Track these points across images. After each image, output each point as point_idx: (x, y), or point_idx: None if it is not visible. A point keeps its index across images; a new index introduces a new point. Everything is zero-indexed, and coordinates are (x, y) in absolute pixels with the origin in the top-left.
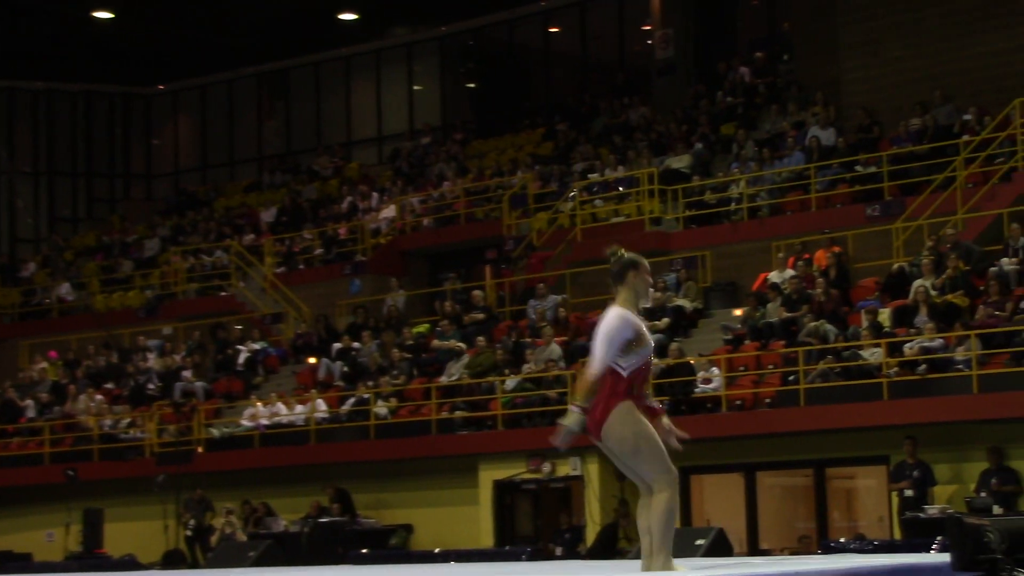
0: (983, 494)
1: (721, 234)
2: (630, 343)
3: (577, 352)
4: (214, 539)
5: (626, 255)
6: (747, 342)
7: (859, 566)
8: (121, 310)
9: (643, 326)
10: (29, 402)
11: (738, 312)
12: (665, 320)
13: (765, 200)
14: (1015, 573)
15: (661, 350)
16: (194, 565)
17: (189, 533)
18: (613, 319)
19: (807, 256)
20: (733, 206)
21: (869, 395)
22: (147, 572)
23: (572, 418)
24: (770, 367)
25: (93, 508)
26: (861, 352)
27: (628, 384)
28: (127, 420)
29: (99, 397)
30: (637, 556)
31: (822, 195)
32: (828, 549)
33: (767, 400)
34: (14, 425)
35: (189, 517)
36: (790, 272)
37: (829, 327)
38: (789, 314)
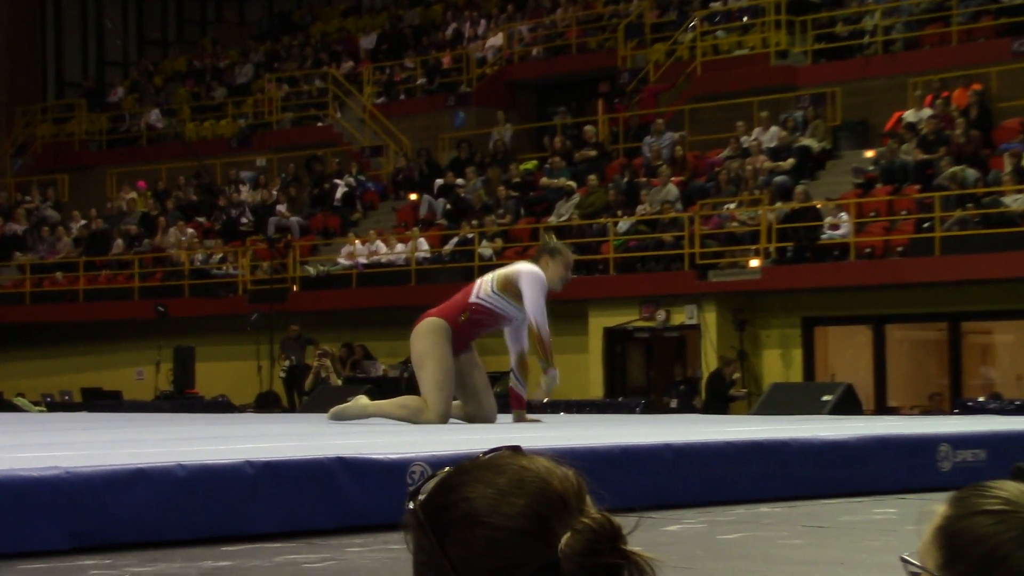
0: None
1: (852, 69)
2: (516, 287)
3: (695, 193)
4: (308, 382)
5: (551, 243)
6: (879, 186)
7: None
8: (213, 139)
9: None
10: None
11: (869, 153)
12: (790, 160)
13: (901, 33)
14: None
15: (786, 193)
16: (290, 409)
17: (282, 375)
18: (540, 275)
19: (946, 94)
20: (866, 39)
21: (1010, 244)
22: (241, 415)
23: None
24: (903, 213)
25: (184, 346)
26: (1003, 198)
27: (467, 310)
28: (219, 255)
29: (190, 231)
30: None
31: (963, 28)
32: (963, 408)
33: (899, 248)
34: (102, 257)
35: (285, 357)
36: (927, 111)
37: (968, 171)
38: (925, 156)
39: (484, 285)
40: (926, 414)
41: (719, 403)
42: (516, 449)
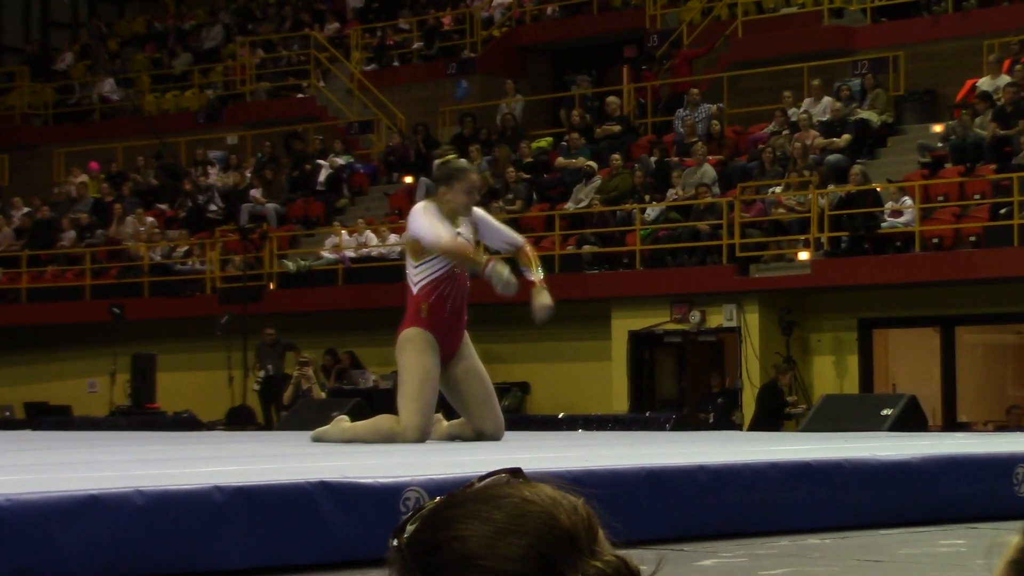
0: None
1: (918, 30)
2: (419, 243)
3: (735, 175)
4: (287, 395)
5: (452, 163)
6: (948, 165)
7: None
8: (176, 113)
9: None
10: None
11: (937, 128)
12: (846, 137)
13: None
14: None
15: (841, 174)
16: (266, 426)
17: (257, 387)
18: (416, 208)
19: None
20: None
21: None
22: (209, 433)
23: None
24: (976, 197)
25: (143, 354)
26: None
27: (421, 301)
28: (184, 248)
29: (150, 220)
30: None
31: None
32: None
33: (972, 238)
34: (49, 251)
35: (260, 366)
36: (1005, 78)
37: None
38: (1002, 132)
39: (407, 271)
40: (1002, 430)
41: (772, 420)
42: (517, 473)
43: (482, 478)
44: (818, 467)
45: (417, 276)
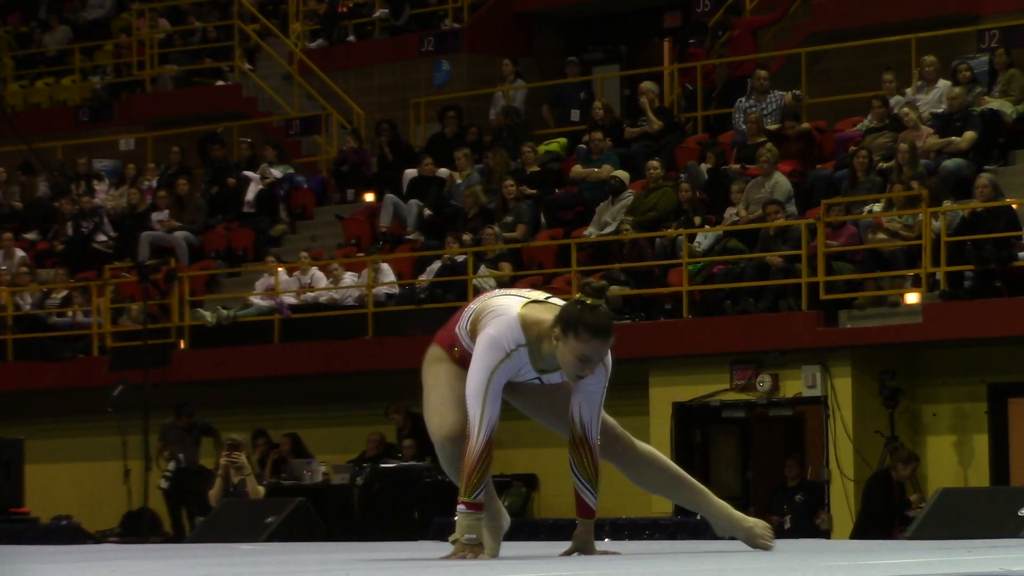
0: None
1: None
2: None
3: (818, 187)
4: (213, 493)
5: (591, 315)
6: None
7: None
8: (50, 109)
9: (528, 369)
10: None
11: None
12: (969, 135)
13: None
14: None
15: (963, 186)
16: (176, 537)
17: (164, 484)
18: (497, 339)
19: None
20: None
21: None
22: (98, 546)
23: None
24: None
25: (6, 439)
26: None
27: (456, 345)
28: (62, 294)
29: (20, 254)
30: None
31: None
32: None
33: None
34: None
35: (168, 456)
36: None
37: None
38: None
39: (464, 315)
40: None
41: (886, 524)
42: None
43: None
44: None
45: (463, 337)
